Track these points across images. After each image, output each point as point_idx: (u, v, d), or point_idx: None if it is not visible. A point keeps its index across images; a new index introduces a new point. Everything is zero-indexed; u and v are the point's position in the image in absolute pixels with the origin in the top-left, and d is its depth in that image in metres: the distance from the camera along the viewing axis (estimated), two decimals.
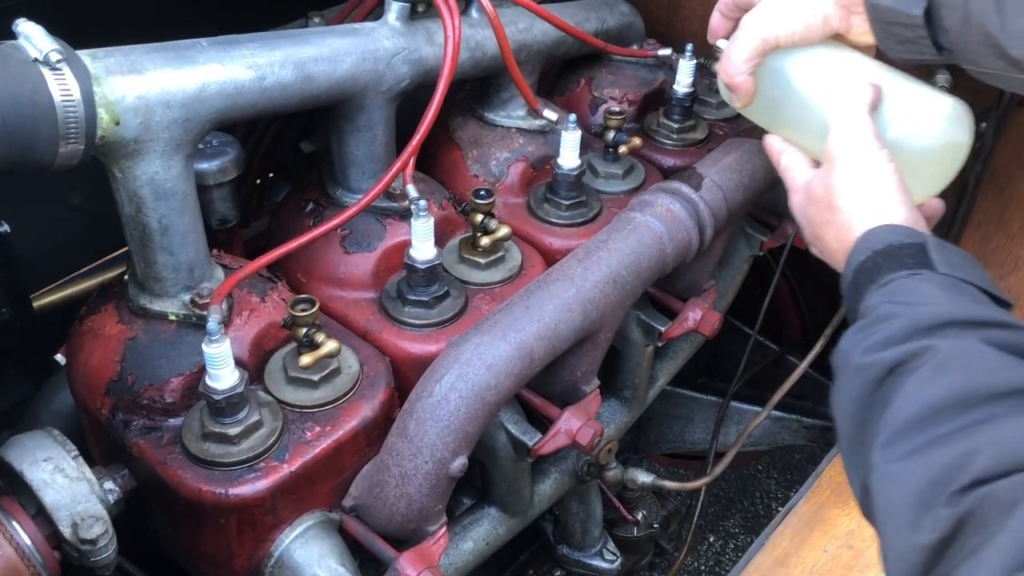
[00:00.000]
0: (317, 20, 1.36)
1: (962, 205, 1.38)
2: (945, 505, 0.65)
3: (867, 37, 1.06)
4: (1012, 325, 0.76)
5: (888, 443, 0.72)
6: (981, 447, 0.66)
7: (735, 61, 1.09)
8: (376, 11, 1.24)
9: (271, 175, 1.52)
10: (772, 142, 1.12)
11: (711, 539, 2.61)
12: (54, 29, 0.85)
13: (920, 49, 0.99)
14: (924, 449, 0.69)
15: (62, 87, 0.81)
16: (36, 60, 0.80)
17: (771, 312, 1.64)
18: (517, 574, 1.58)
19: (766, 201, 1.44)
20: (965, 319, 0.75)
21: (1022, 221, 1.35)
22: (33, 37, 0.81)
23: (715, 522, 2.61)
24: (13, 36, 0.84)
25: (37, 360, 1.61)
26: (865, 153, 0.95)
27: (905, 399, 0.73)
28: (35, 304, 1.49)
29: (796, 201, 1.05)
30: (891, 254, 0.84)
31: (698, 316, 1.33)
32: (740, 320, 1.76)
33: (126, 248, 1.68)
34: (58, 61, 0.81)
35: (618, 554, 1.49)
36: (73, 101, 0.81)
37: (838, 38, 1.09)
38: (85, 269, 1.60)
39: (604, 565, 1.51)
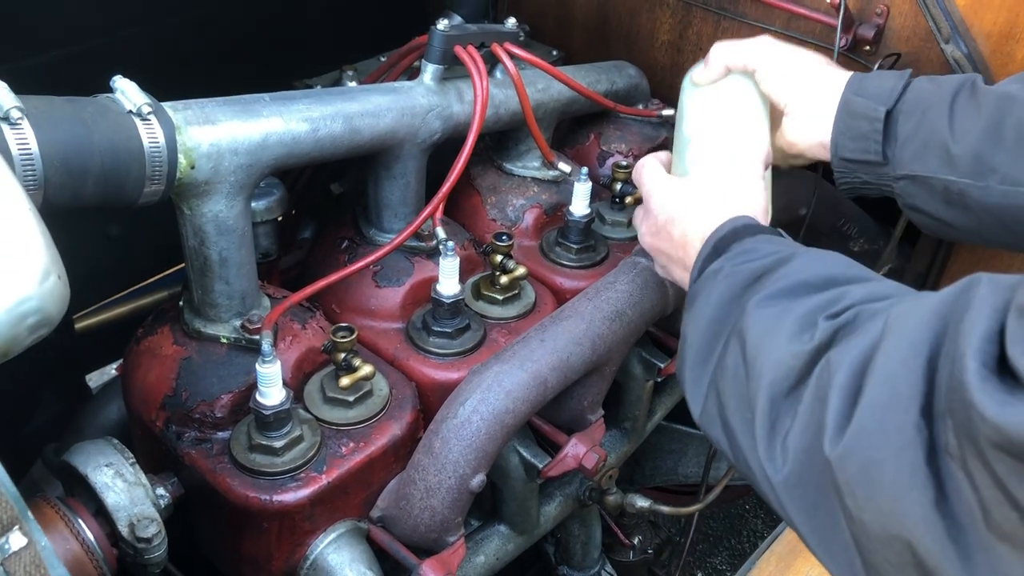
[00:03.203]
0: (350, 74, 1.49)
1: (936, 260, 1.50)
2: (824, 320, 0.76)
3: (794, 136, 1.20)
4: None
5: (764, 300, 0.84)
6: (853, 290, 0.79)
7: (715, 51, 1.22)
8: (410, 70, 1.38)
9: (293, 211, 1.64)
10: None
11: (699, 575, 2.69)
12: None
13: (868, 148, 1.13)
14: (802, 297, 0.81)
15: (151, 136, 0.93)
16: (130, 112, 0.92)
17: None
18: None
19: None
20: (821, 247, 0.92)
21: None
22: (128, 92, 0.93)
23: (703, 559, 2.70)
24: (101, 78, 0.97)
25: (71, 380, 1.71)
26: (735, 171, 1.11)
27: (777, 278, 0.85)
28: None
29: (659, 203, 1.11)
30: (751, 226, 0.98)
31: None
32: None
33: (158, 276, 1.79)
34: (148, 113, 0.93)
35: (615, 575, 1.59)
36: (159, 148, 0.93)
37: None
38: (119, 295, 1.71)
39: None
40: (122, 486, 1.05)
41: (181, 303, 1.16)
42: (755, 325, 0.82)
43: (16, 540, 0.57)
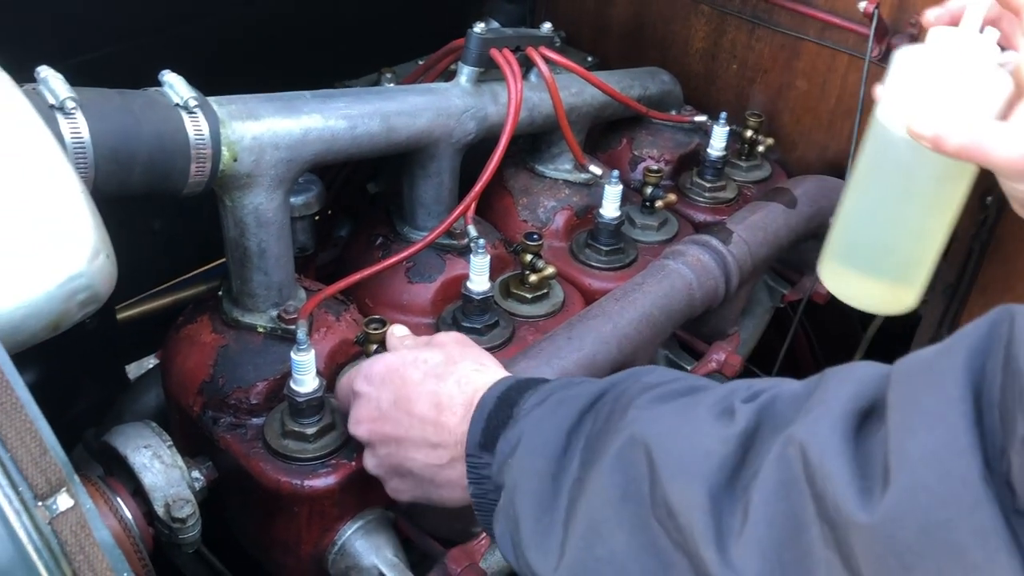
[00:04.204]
0: (388, 76, 1.53)
1: (966, 273, 1.50)
2: (740, 403, 0.69)
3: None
4: None
5: (654, 400, 0.74)
6: (740, 384, 0.73)
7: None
8: (447, 72, 1.41)
9: (329, 211, 1.68)
10: None
11: None
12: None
13: None
14: (692, 395, 0.73)
15: (196, 128, 0.96)
16: (177, 105, 0.96)
17: (790, 362, 1.76)
18: None
19: (789, 257, 1.58)
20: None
21: None
22: (175, 86, 0.97)
23: None
24: (150, 73, 1.01)
25: (111, 369, 1.76)
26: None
27: (632, 393, 0.77)
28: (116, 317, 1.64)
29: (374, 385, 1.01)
30: (519, 386, 0.92)
31: (721, 358, 1.45)
32: (760, 369, 1.88)
33: (199, 270, 1.84)
34: (194, 107, 0.97)
35: None
36: (204, 140, 0.97)
37: None
38: (160, 287, 1.76)
39: None
40: (159, 467, 1.08)
41: (220, 293, 1.20)
42: (658, 423, 0.71)
43: (63, 501, 0.61)
